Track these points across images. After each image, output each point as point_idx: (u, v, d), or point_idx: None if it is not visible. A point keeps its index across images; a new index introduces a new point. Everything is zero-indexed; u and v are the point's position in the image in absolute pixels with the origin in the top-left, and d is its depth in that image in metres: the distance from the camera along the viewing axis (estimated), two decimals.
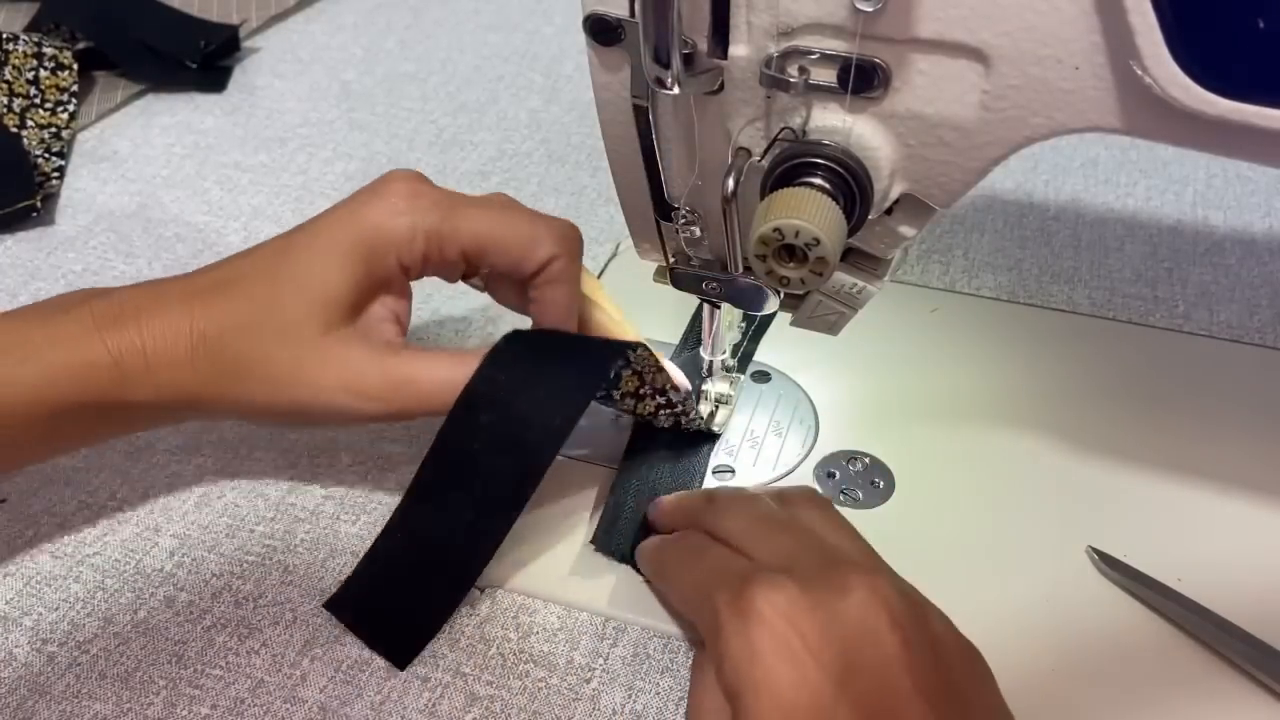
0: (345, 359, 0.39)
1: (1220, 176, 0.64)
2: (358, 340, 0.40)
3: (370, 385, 0.39)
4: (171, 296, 0.40)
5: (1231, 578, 0.41)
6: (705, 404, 0.48)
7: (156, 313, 0.39)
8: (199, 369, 0.39)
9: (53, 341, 0.38)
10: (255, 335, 0.39)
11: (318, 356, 0.39)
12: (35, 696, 0.39)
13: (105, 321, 0.39)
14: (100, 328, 0.39)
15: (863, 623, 0.32)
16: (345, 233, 0.39)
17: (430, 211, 0.40)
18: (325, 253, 0.39)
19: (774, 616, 0.32)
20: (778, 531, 0.37)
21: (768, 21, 0.31)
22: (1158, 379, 0.50)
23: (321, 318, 0.39)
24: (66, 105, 0.71)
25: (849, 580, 0.33)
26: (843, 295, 0.39)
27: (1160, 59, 0.27)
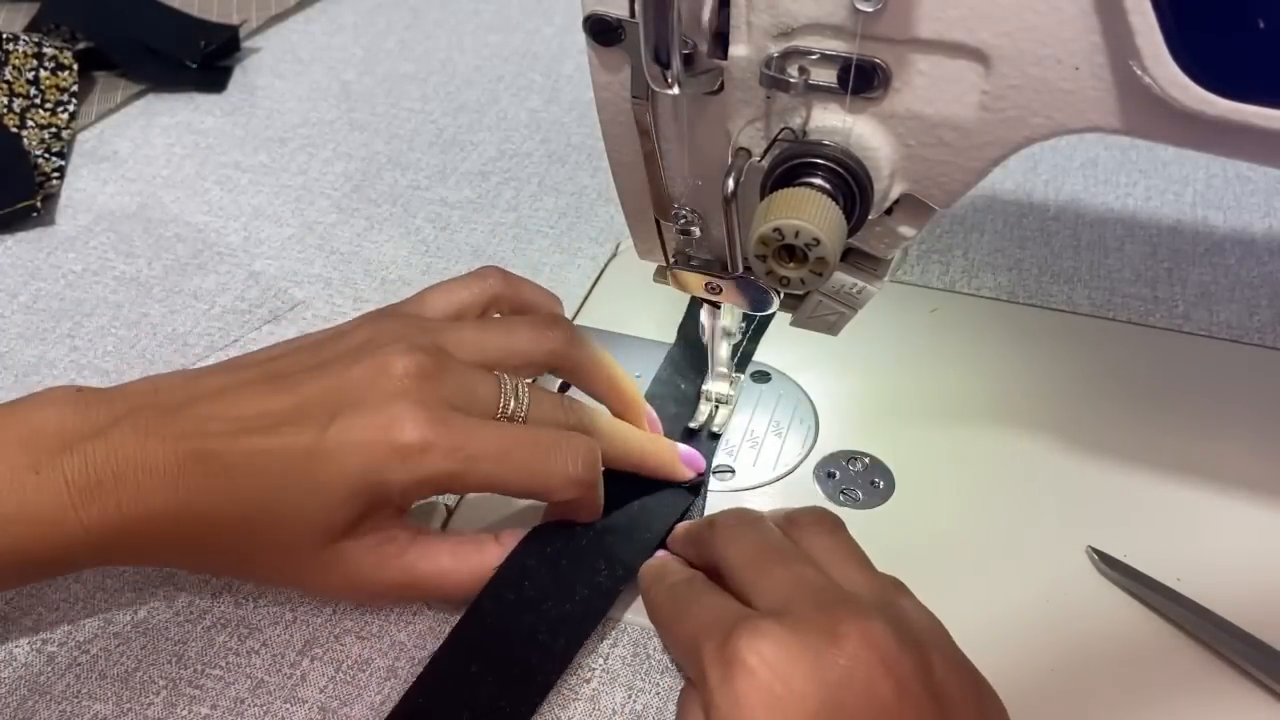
0: (346, 567, 0.38)
1: (1220, 176, 0.64)
2: (359, 546, 0.38)
3: (374, 587, 0.39)
4: (154, 466, 0.36)
5: (1231, 578, 0.41)
6: (705, 404, 0.48)
7: (137, 489, 0.36)
8: (186, 552, 0.38)
9: (23, 514, 0.36)
10: (249, 537, 0.37)
11: (318, 566, 0.38)
12: (35, 696, 0.39)
13: (80, 493, 0.36)
14: (75, 503, 0.36)
15: (853, 670, 0.31)
16: (347, 480, 0.37)
17: (442, 463, 0.37)
18: (326, 496, 0.37)
19: (759, 665, 0.31)
20: (778, 565, 0.36)
21: (768, 22, 0.32)
22: (1157, 379, 0.50)
23: (322, 540, 0.37)
24: (66, 105, 0.71)
25: (842, 625, 0.32)
26: (843, 295, 0.39)
27: (1160, 59, 0.27)
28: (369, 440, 0.36)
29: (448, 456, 0.37)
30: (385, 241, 0.61)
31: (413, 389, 0.37)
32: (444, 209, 0.64)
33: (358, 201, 0.65)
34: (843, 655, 0.31)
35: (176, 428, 0.37)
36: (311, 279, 0.59)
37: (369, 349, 0.39)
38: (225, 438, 0.37)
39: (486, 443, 0.38)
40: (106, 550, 0.37)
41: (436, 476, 0.37)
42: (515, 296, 0.45)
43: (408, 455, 0.36)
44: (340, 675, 0.40)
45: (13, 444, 0.37)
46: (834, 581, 0.35)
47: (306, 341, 0.42)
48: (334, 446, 0.36)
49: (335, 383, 0.38)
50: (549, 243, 0.61)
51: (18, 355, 0.54)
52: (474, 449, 0.37)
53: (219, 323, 0.56)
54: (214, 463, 0.37)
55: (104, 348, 0.55)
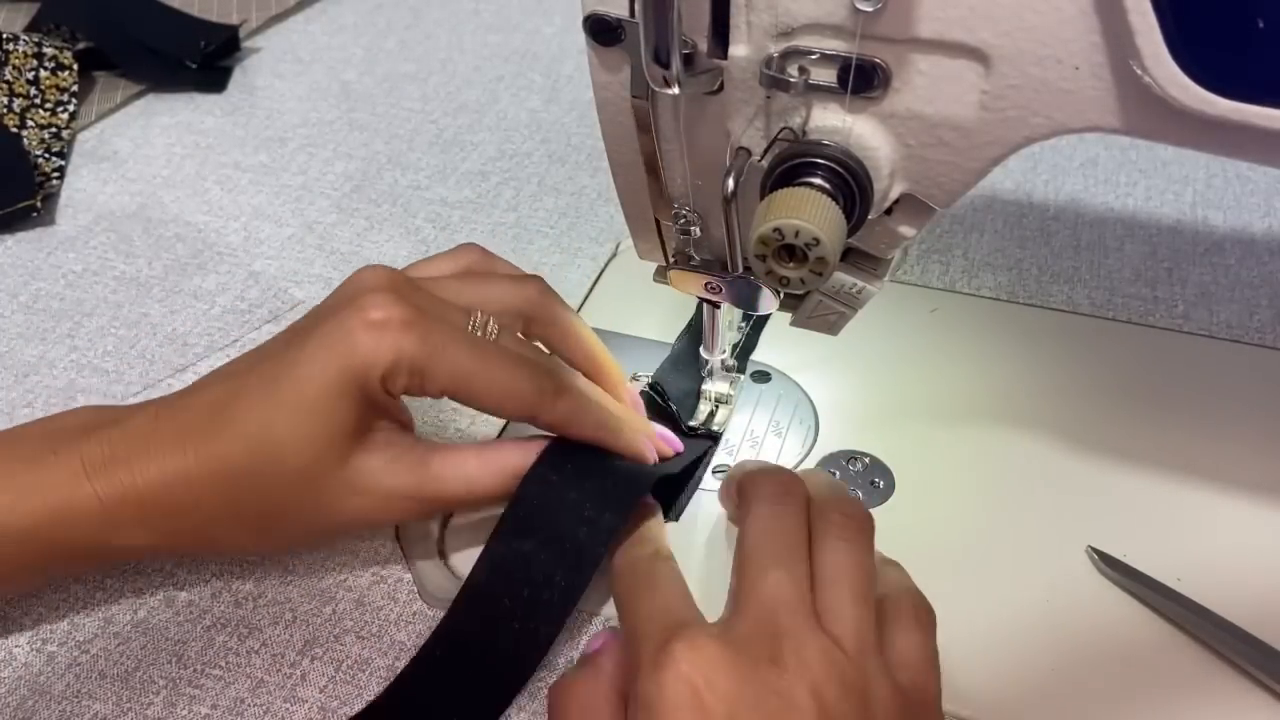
0: (370, 482, 0.38)
1: (1220, 176, 0.64)
2: (376, 458, 0.38)
3: (401, 500, 0.39)
4: (165, 437, 0.38)
5: (1231, 578, 0.41)
6: (705, 404, 0.48)
7: (150, 458, 0.37)
8: (205, 512, 0.38)
9: (40, 488, 0.37)
10: (266, 481, 0.38)
11: (343, 489, 0.38)
12: (35, 696, 0.39)
13: (95, 468, 0.37)
14: (90, 475, 0.37)
15: (774, 693, 0.31)
16: (333, 367, 0.37)
17: (413, 342, 0.37)
18: (318, 395, 0.37)
19: (690, 670, 0.31)
20: (773, 566, 0.35)
21: (767, 21, 0.31)
22: (1157, 379, 0.50)
23: (334, 455, 0.38)
24: (66, 105, 0.71)
25: (780, 654, 0.31)
26: (843, 295, 0.39)
27: (1160, 59, 0.27)
28: (340, 328, 0.37)
29: (424, 340, 0.37)
30: (385, 241, 0.61)
31: (383, 284, 0.38)
32: (444, 209, 0.64)
33: (358, 201, 0.65)
34: (768, 677, 0.31)
35: (183, 398, 0.40)
36: (311, 279, 0.59)
37: (347, 293, 0.39)
38: (223, 387, 0.39)
39: (456, 337, 0.38)
40: (119, 525, 0.37)
41: (413, 358, 0.37)
42: (493, 271, 0.45)
43: (382, 331, 0.37)
44: (340, 675, 0.40)
45: (36, 436, 0.39)
46: (808, 606, 0.34)
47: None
48: (310, 347, 0.37)
49: (315, 309, 0.40)
50: (549, 243, 0.61)
51: (18, 355, 0.54)
52: (447, 338, 0.38)
53: (219, 323, 0.56)
54: (219, 418, 0.38)
55: (104, 348, 0.55)
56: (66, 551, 0.38)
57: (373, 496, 0.39)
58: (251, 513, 0.39)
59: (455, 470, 0.39)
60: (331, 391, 0.37)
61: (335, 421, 0.37)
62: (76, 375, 0.53)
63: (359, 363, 0.37)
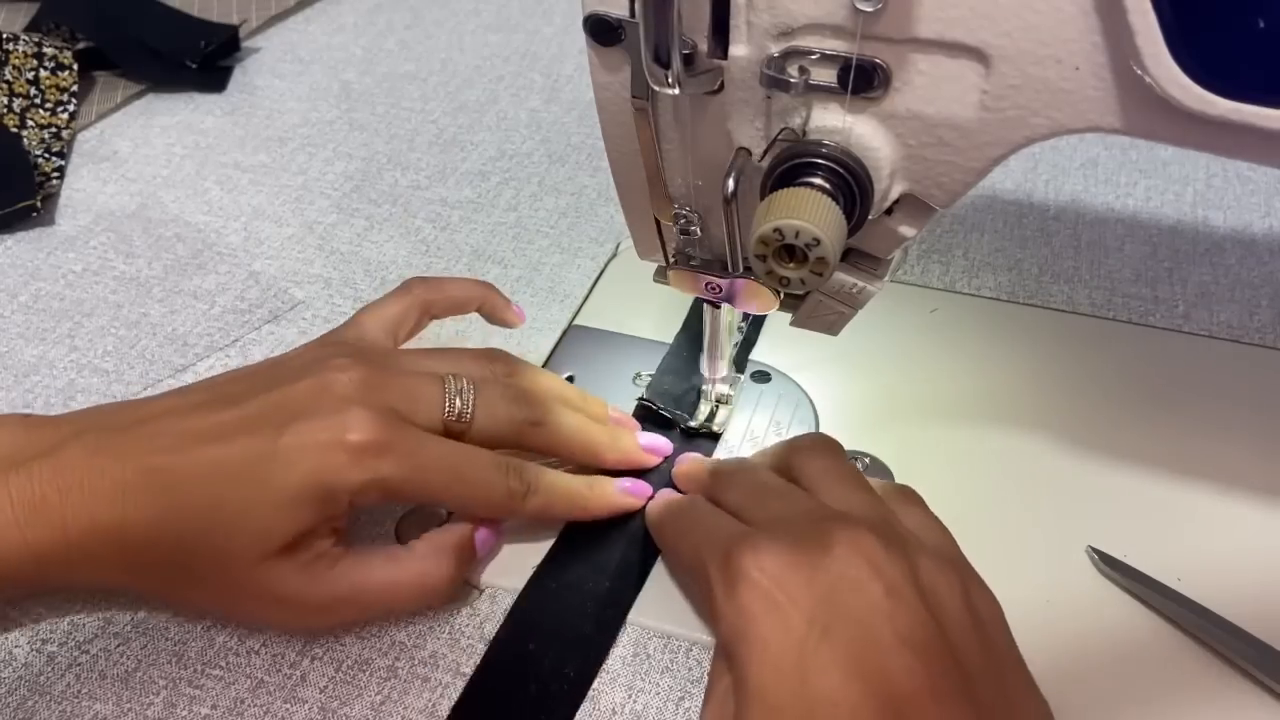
0: (276, 585, 0.38)
1: (1220, 176, 0.64)
2: (287, 567, 0.38)
3: (306, 606, 0.39)
4: (101, 486, 0.36)
5: (1231, 578, 0.41)
6: (705, 404, 0.48)
7: (83, 504, 0.36)
8: (125, 570, 0.38)
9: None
10: (189, 551, 0.37)
11: (249, 584, 0.38)
12: (35, 696, 0.39)
13: (24, 510, 0.36)
14: (20, 520, 0.36)
15: (844, 575, 0.33)
16: (298, 483, 0.37)
17: (390, 466, 0.37)
18: (275, 505, 0.37)
19: (759, 576, 0.33)
20: (772, 499, 0.39)
21: (767, 21, 0.31)
22: (1157, 379, 0.50)
23: (258, 553, 0.37)
24: (66, 105, 0.71)
25: (832, 535, 0.34)
26: (843, 295, 0.39)
27: (1160, 59, 0.27)
28: (322, 442, 0.37)
29: (400, 462, 0.38)
30: (385, 241, 0.61)
31: (358, 396, 0.38)
32: (444, 209, 0.64)
33: (358, 201, 0.65)
34: (834, 563, 0.33)
35: (125, 445, 0.37)
36: (311, 279, 0.59)
37: (313, 367, 0.40)
38: (174, 452, 0.37)
39: (436, 455, 0.39)
40: (46, 568, 0.37)
41: (387, 480, 0.38)
42: (444, 299, 0.46)
43: (361, 456, 0.37)
44: (340, 675, 0.40)
45: None
46: (824, 503, 0.38)
47: (252, 369, 0.43)
48: (287, 449, 0.37)
49: (283, 396, 0.39)
50: (549, 243, 0.61)
51: (18, 355, 0.54)
52: (423, 459, 0.38)
53: (219, 323, 0.56)
54: (163, 476, 0.37)
55: (104, 348, 0.55)
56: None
57: (277, 600, 0.38)
58: (168, 573, 0.38)
59: (364, 574, 0.39)
60: (294, 499, 0.37)
61: (281, 524, 0.37)
62: (76, 375, 0.53)
63: (331, 481, 0.37)
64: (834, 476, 0.39)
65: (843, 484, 0.39)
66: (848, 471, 0.40)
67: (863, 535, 0.34)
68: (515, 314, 0.48)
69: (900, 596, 0.33)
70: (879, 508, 0.38)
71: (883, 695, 0.31)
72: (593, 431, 0.43)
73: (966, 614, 0.34)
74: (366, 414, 0.37)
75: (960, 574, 0.35)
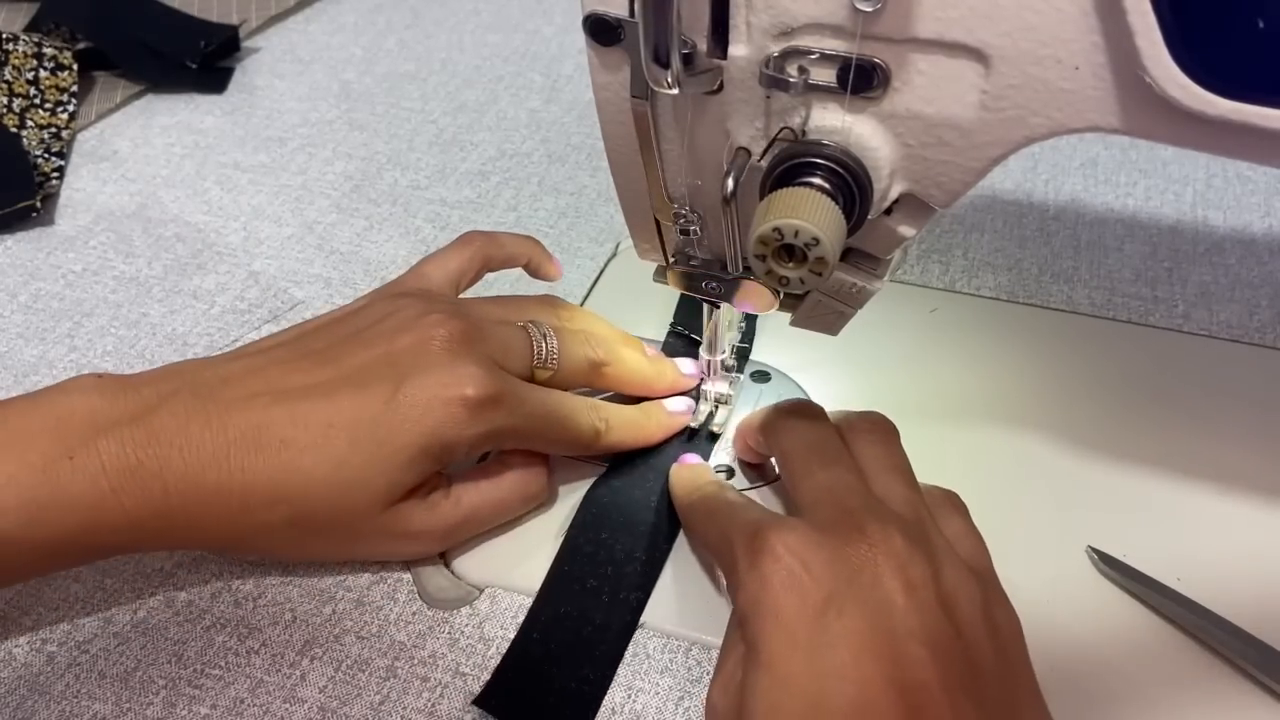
0: (404, 524, 0.40)
1: (1220, 176, 0.64)
2: (414, 506, 0.40)
3: (431, 536, 0.41)
4: (203, 449, 0.37)
5: (1231, 578, 0.41)
6: (705, 404, 0.48)
7: (185, 468, 0.36)
8: (236, 527, 0.38)
9: (57, 502, 0.35)
10: (311, 509, 0.38)
11: (378, 528, 0.40)
12: (34, 696, 0.39)
13: (119, 476, 0.36)
14: (115, 487, 0.36)
15: (866, 565, 0.33)
16: (420, 440, 0.38)
17: (503, 418, 0.40)
18: (398, 463, 0.38)
19: (784, 551, 0.33)
20: (820, 467, 0.38)
21: (767, 21, 0.31)
22: (1157, 379, 0.50)
23: (384, 504, 0.39)
24: (66, 105, 0.71)
25: (862, 527, 0.34)
26: (842, 295, 0.39)
27: (1160, 59, 0.27)
28: (442, 398, 0.38)
29: (511, 411, 0.40)
30: (385, 241, 0.61)
31: (464, 350, 0.40)
32: (444, 209, 0.64)
33: (357, 201, 0.65)
34: (857, 552, 0.34)
35: (221, 405, 0.38)
36: (311, 279, 0.59)
37: (406, 322, 0.41)
38: (278, 408, 0.38)
39: (538, 403, 0.41)
40: (142, 534, 0.37)
41: (501, 430, 0.40)
42: (502, 253, 0.48)
43: (479, 410, 0.39)
44: (340, 675, 0.40)
45: (42, 434, 0.36)
46: (868, 489, 0.37)
47: (321, 322, 0.43)
48: (406, 408, 0.38)
49: (384, 351, 0.40)
50: (549, 242, 0.60)
51: (18, 355, 0.54)
52: (529, 407, 0.41)
53: (218, 323, 0.56)
54: (268, 434, 0.37)
55: (104, 348, 0.55)
56: (83, 554, 0.38)
57: (407, 538, 0.41)
58: (282, 534, 0.39)
59: (473, 495, 0.42)
60: (418, 455, 0.38)
61: (404, 478, 0.39)
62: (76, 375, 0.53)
63: (453, 436, 0.38)
64: (883, 465, 0.39)
65: (890, 474, 0.38)
66: (898, 463, 0.40)
67: (892, 531, 0.34)
68: (557, 268, 0.50)
69: (918, 595, 0.33)
70: (918, 508, 0.37)
71: (892, 677, 0.31)
72: (646, 366, 0.47)
73: (983, 624, 0.34)
74: (478, 370, 0.39)
75: (984, 586, 0.35)
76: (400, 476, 0.39)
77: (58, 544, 0.36)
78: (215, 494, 0.37)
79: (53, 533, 0.36)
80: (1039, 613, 0.40)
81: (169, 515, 0.37)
